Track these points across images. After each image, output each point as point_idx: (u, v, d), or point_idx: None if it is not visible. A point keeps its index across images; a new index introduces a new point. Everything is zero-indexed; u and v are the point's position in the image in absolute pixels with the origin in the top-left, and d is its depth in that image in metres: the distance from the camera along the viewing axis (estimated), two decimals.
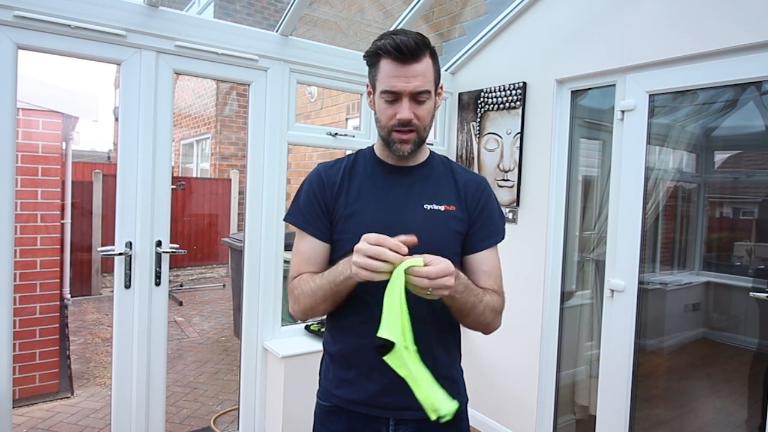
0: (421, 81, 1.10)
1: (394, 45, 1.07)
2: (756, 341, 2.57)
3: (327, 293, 1.10)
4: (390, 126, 1.13)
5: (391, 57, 1.09)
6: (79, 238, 5.98)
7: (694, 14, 2.05)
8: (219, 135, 8.34)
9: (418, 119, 1.12)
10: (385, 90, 1.11)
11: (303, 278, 1.17)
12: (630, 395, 2.30)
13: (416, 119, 1.12)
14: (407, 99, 1.10)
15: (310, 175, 1.25)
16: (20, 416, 2.96)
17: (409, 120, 1.11)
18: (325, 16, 5.81)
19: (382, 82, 1.11)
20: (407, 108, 1.10)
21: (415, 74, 1.09)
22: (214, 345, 4.55)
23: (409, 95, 1.10)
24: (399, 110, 1.11)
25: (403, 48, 1.07)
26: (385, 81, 1.11)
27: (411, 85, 1.09)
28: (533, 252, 2.70)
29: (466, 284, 1.08)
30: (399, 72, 1.09)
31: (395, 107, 1.12)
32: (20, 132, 3.21)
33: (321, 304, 1.14)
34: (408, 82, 1.09)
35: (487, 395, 2.95)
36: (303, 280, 1.17)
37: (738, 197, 2.97)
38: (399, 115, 1.11)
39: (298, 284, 1.18)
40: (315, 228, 1.20)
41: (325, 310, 1.17)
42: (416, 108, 1.12)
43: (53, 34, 1.95)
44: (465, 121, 3.11)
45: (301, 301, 1.16)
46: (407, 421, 1.18)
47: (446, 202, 1.19)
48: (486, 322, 1.16)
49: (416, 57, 1.08)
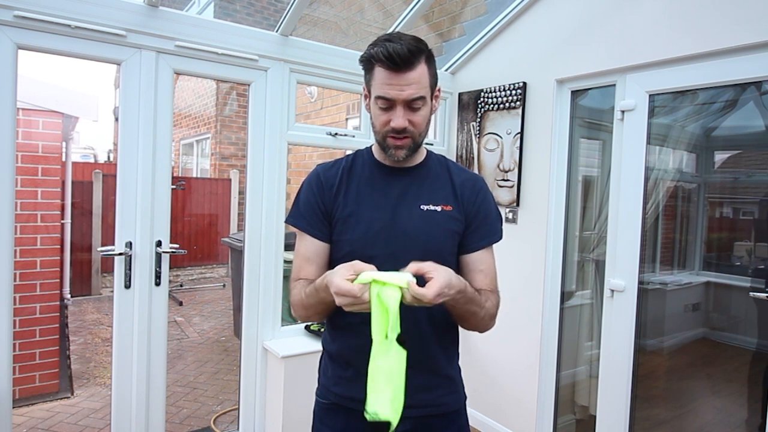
0: (415, 89, 1.08)
1: (387, 54, 1.05)
2: (756, 341, 2.57)
3: (316, 306, 1.12)
4: (384, 132, 1.13)
5: (383, 65, 1.08)
6: (79, 238, 5.98)
7: (694, 14, 2.05)
8: (219, 135, 8.34)
9: (413, 125, 1.12)
10: (379, 96, 1.11)
11: (297, 287, 1.18)
12: (630, 395, 2.30)
13: (411, 126, 1.12)
14: (401, 106, 1.10)
15: (309, 176, 1.25)
16: (20, 416, 2.96)
17: (403, 128, 1.11)
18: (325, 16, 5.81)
19: (377, 89, 1.11)
20: (401, 116, 1.10)
21: (409, 82, 1.08)
22: (214, 345, 4.55)
23: (403, 103, 1.09)
24: (393, 117, 1.10)
25: (396, 57, 1.05)
26: (379, 88, 1.10)
27: (404, 93, 1.08)
28: (533, 252, 2.70)
29: (471, 297, 1.08)
30: (392, 80, 1.08)
31: (389, 114, 1.11)
32: (20, 132, 3.21)
33: (314, 315, 1.17)
34: (401, 90, 1.08)
35: (486, 395, 2.95)
36: (297, 289, 1.18)
37: (738, 197, 2.97)
38: (393, 123, 1.10)
39: (293, 291, 1.20)
40: (315, 229, 1.20)
41: (321, 318, 1.19)
42: (411, 115, 1.11)
43: (53, 34, 1.95)
44: (465, 121, 3.11)
45: (297, 309, 1.19)
46: (405, 418, 1.17)
47: (443, 203, 1.20)
48: (483, 324, 1.17)
49: (409, 65, 1.07)
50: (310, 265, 1.20)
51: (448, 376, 1.24)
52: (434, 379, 1.20)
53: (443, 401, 1.22)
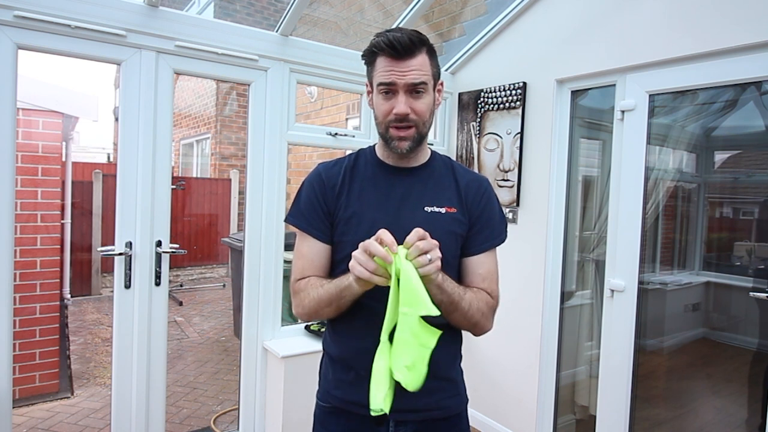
0: (417, 74, 1.09)
1: (388, 42, 1.08)
2: (756, 341, 2.57)
3: (332, 299, 1.09)
4: (387, 122, 1.12)
5: (385, 54, 1.09)
6: (79, 238, 5.98)
7: (694, 14, 2.05)
8: (219, 135, 8.34)
9: (415, 113, 1.11)
10: (381, 82, 1.11)
11: (311, 282, 1.16)
12: (630, 395, 2.30)
13: (414, 113, 1.11)
14: (403, 92, 1.10)
15: (311, 175, 1.23)
16: (20, 416, 2.96)
17: (405, 114, 1.10)
18: (325, 16, 5.81)
19: (378, 77, 1.12)
20: (403, 102, 1.10)
21: (411, 67, 1.09)
22: (214, 345, 4.55)
23: (404, 88, 1.09)
24: (395, 104, 1.10)
25: (397, 44, 1.07)
26: (381, 75, 1.11)
27: (406, 78, 1.09)
28: (533, 252, 2.70)
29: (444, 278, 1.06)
30: (394, 66, 1.09)
31: (392, 101, 1.11)
32: (20, 132, 3.21)
33: (325, 309, 1.13)
34: (403, 74, 1.09)
35: (487, 395, 2.95)
36: (311, 284, 1.16)
37: (738, 197, 2.97)
38: (395, 109, 1.10)
39: (304, 287, 1.17)
40: (316, 230, 1.19)
41: (328, 315, 1.17)
42: (413, 102, 1.10)
43: (53, 34, 1.95)
44: (465, 121, 3.11)
45: (305, 304, 1.16)
46: (407, 422, 1.18)
47: (447, 204, 1.18)
48: (473, 321, 1.13)
49: (411, 52, 1.09)
50: (312, 266, 1.19)
51: (451, 379, 1.23)
52: (437, 383, 1.18)
53: (446, 404, 1.21)
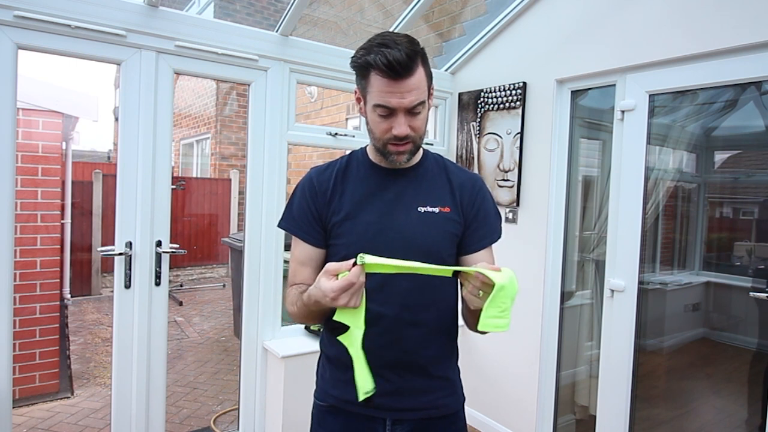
0: (416, 95, 1.06)
1: (386, 62, 1.01)
2: (756, 341, 2.57)
3: (309, 313, 1.11)
4: (385, 139, 1.11)
5: (382, 74, 1.03)
6: (79, 238, 5.98)
7: (694, 14, 2.05)
8: (219, 135, 8.34)
9: (414, 131, 1.10)
10: (378, 104, 1.07)
11: (291, 294, 1.18)
12: (630, 395, 2.30)
13: (412, 131, 1.10)
14: (402, 114, 1.07)
15: (303, 180, 1.24)
16: (20, 416, 2.96)
17: (406, 135, 1.09)
18: (325, 16, 5.81)
19: (375, 97, 1.07)
20: (403, 123, 1.08)
21: (410, 89, 1.05)
22: (214, 345, 4.55)
23: (404, 110, 1.07)
24: (395, 125, 1.08)
25: (395, 65, 1.01)
26: (378, 96, 1.06)
27: (406, 101, 1.05)
28: (533, 252, 2.70)
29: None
30: (393, 88, 1.04)
31: (390, 121, 1.08)
32: (20, 132, 3.21)
33: (309, 321, 1.17)
34: (403, 97, 1.05)
35: (486, 395, 2.95)
36: (290, 295, 1.17)
37: (738, 197, 2.97)
38: (395, 131, 1.08)
39: (288, 298, 1.19)
40: (308, 235, 1.20)
41: (313, 323, 1.20)
42: (412, 120, 1.09)
43: (53, 34, 1.95)
44: (465, 121, 3.11)
45: (293, 312, 1.18)
46: (404, 421, 1.18)
47: (441, 204, 1.18)
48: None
49: (409, 71, 1.03)
50: (305, 270, 1.20)
51: (448, 378, 1.23)
52: (433, 381, 1.20)
53: (442, 403, 1.21)
